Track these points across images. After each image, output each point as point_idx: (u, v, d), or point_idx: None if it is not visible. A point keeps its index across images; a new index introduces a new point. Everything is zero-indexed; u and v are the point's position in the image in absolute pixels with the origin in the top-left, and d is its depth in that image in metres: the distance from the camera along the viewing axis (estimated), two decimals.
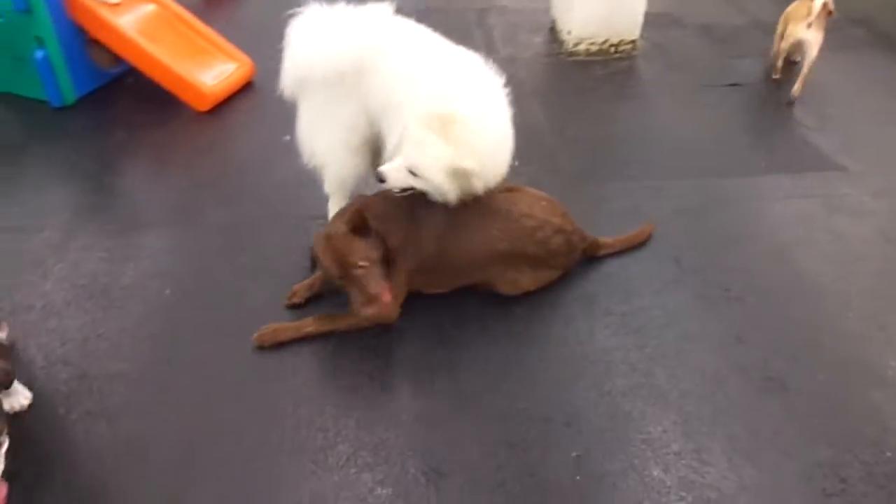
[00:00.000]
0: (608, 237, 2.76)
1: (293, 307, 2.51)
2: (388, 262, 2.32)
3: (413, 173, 2.27)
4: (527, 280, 2.53)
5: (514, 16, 4.76)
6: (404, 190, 2.34)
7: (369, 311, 2.22)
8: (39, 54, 3.52)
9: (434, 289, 2.52)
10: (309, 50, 2.46)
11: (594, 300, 2.59)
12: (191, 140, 3.53)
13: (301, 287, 2.54)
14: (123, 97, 3.82)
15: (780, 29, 3.93)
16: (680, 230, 2.91)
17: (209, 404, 2.21)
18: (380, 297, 2.21)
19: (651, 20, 4.48)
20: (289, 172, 3.04)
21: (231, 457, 2.06)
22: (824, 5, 3.58)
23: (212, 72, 3.77)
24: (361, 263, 2.21)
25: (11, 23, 3.50)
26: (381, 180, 2.32)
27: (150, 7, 3.83)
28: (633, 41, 4.26)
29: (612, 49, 4.26)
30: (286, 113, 2.83)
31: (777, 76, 3.97)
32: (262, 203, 3.07)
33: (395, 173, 2.30)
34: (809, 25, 3.62)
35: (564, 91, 3.96)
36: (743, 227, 2.96)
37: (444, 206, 2.36)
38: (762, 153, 3.44)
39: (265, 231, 2.90)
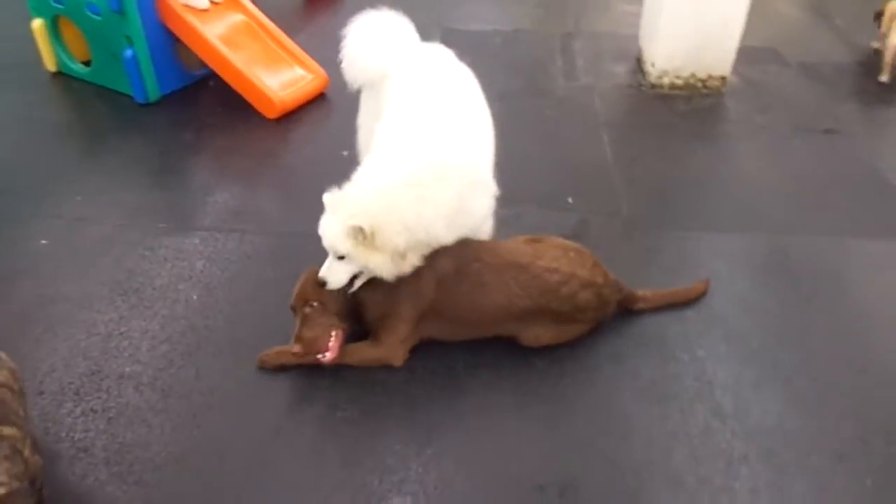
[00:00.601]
0: (648, 290, 2.55)
1: None
2: (358, 318, 2.32)
3: (341, 258, 2.19)
4: (551, 334, 2.37)
5: (601, 42, 4.57)
6: (352, 284, 2.27)
7: (301, 350, 2.21)
8: (128, 53, 3.70)
9: (451, 338, 2.41)
10: (349, 54, 2.69)
11: (623, 360, 2.40)
12: (253, 146, 3.59)
13: None
14: (202, 99, 3.95)
15: (885, 25, 3.67)
16: (738, 290, 2.67)
17: (203, 418, 2.20)
18: (314, 343, 2.20)
19: (747, 54, 4.20)
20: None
21: (212, 472, 2.04)
22: None
23: (284, 81, 3.83)
24: (312, 304, 2.22)
25: (107, 21, 3.69)
26: (322, 284, 2.23)
27: (238, 17, 3.95)
28: (722, 77, 3.98)
29: (700, 84, 3.99)
30: (349, 128, 2.84)
31: (885, 78, 3.73)
32: (310, 217, 3.05)
33: (330, 269, 2.22)
34: None
35: (639, 126, 3.74)
36: (814, 295, 2.67)
37: (450, 254, 2.28)
38: (850, 212, 3.10)
39: (308, 246, 2.88)
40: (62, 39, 4.07)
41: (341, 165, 3.27)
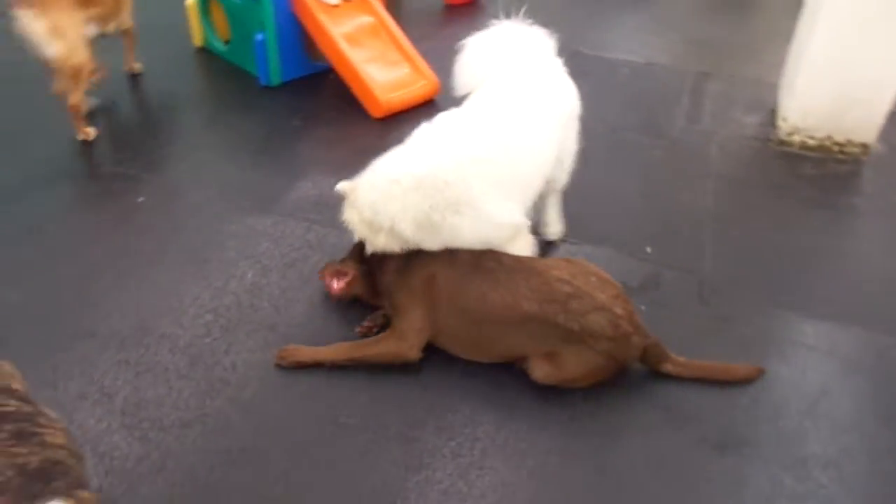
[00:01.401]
0: (684, 358, 2.32)
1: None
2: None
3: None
4: (565, 362, 2.20)
5: (737, 87, 4.25)
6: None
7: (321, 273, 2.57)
8: (259, 37, 3.92)
9: (464, 353, 2.35)
10: (461, 60, 2.82)
11: (686, 419, 2.21)
12: (351, 142, 3.67)
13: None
14: (319, 89, 4.10)
15: None
16: (821, 393, 2.34)
17: (218, 392, 2.27)
18: (332, 272, 2.52)
19: None
20: None
21: (210, 444, 2.09)
22: None
23: (395, 83, 3.89)
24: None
25: (245, 6, 3.94)
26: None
27: (366, 18, 4.06)
28: (864, 144, 3.56)
29: (836, 148, 3.60)
30: None
31: None
32: None
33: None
34: None
35: (753, 182, 3.43)
36: None
37: (471, 250, 2.33)
38: None
39: None
40: (210, 18, 4.39)
41: None
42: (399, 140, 3.65)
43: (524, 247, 2.49)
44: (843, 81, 3.42)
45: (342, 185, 2.46)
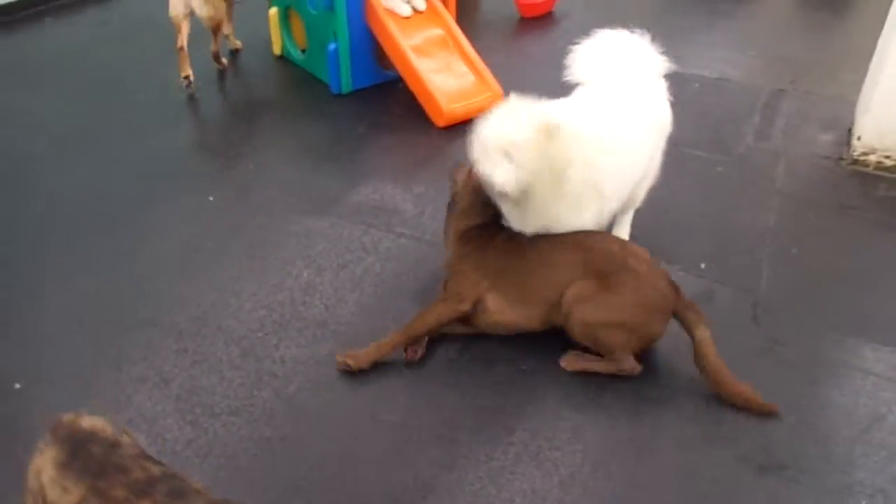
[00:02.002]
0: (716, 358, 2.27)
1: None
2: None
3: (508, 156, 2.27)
4: (606, 300, 2.29)
5: (812, 105, 4.11)
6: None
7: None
8: (332, 46, 4.07)
9: (510, 311, 2.43)
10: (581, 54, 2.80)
11: (726, 437, 2.17)
12: (413, 150, 3.77)
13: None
14: (387, 98, 4.21)
15: None
16: (872, 417, 2.26)
17: (266, 383, 2.38)
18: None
19: None
20: None
21: (256, 431, 2.19)
22: None
23: (459, 94, 3.96)
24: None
25: (320, 16, 4.10)
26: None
27: (436, 30, 4.15)
28: None
29: None
30: None
31: None
32: (435, 227, 3.15)
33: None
34: None
35: (820, 202, 3.30)
36: None
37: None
38: None
39: (420, 253, 2.98)
40: (290, 28, 4.58)
41: None
42: (459, 151, 3.74)
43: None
44: None
45: (534, 133, 2.28)
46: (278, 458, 2.14)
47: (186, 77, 4.20)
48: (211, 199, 3.32)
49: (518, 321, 2.45)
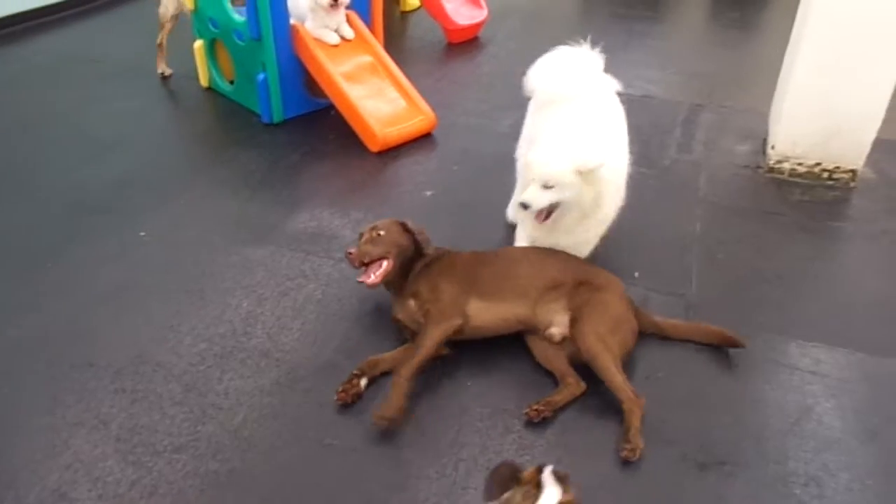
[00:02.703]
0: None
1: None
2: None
3: (547, 186, 2.55)
4: (586, 312, 2.45)
5: (729, 118, 4.34)
6: (545, 213, 2.62)
7: (353, 254, 2.58)
8: (261, 76, 4.07)
9: (492, 311, 2.53)
10: (543, 70, 2.95)
11: (667, 439, 2.23)
12: (349, 176, 3.78)
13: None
14: (319, 125, 4.22)
15: None
16: (805, 410, 2.38)
17: (210, 417, 2.33)
18: (366, 254, 2.56)
19: None
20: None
21: (201, 467, 2.14)
22: None
23: (392, 119, 4.01)
24: (381, 232, 2.62)
25: (248, 47, 4.09)
26: (526, 207, 2.58)
27: (365, 57, 4.20)
28: (852, 170, 3.61)
29: (825, 175, 3.66)
30: (441, 169, 2.92)
31: None
32: None
33: (535, 195, 2.57)
34: None
35: (741, 210, 3.48)
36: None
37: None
38: None
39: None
40: (216, 60, 4.56)
41: (422, 205, 3.40)
42: (395, 175, 3.80)
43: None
44: (827, 110, 3.49)
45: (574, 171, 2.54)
46: (227, 491, 2.10)
47: (162, 73, 4.75)
48: (143, 234, 3.25)
49: (498, 319, 2.52)
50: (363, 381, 2.42)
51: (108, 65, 5.06)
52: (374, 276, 2.55)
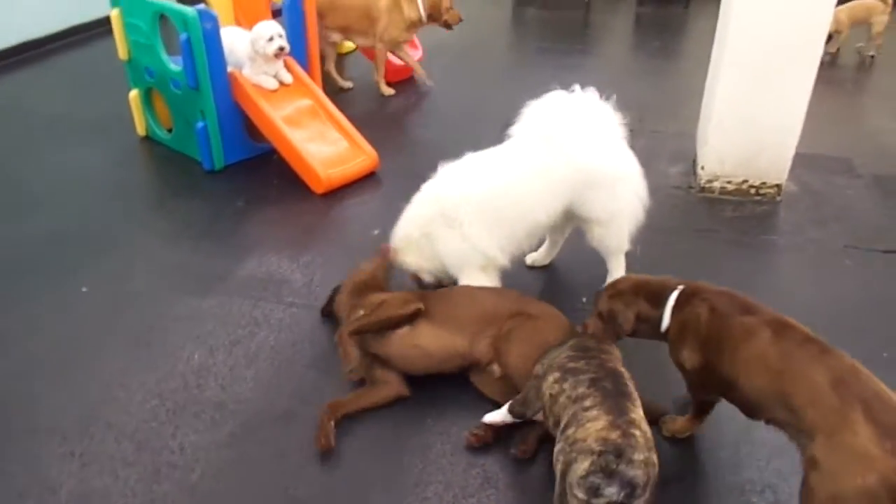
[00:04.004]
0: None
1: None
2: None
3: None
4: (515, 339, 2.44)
5: (660, 142, 4.52)
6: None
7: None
8: (200, 124, 4.04)
9: (438, 339, 2.55)
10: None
11: None
12: (295, 219, 3.78)
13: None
14: (262, 170, 4.22)
15: None
16: None
17: (165, 476, 2.27)
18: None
19: (815, 163, 4.08)
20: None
21: None
22: None
23: (335, 160, 4.04)
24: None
25: (186, 95, 4.08)
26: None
27: (305, 101, 4.23)
28: (777, 185, 3.81)
29: (752, 191, 3.84)
30: (387, 207, 2.94)
31: None
32: (326, 291, 3.16)
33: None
34: None
35: (677, 229, 3.62)
36: None
37: None
38: (893, 342, 2.84)
39: (313, 319, 2.98)
40: (153, 108, 4.51)
41: (371, 244, 3.41)
42: (341, 216, 3.81)
43: (486, 281, 2.82)
44: (749, 129, 3.68)
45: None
46: None
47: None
48: (85, 289, 3.17)
49: (442, 348, 2.53)
50: (332, 423, 2.41)
51: (38, 117, 4.96)
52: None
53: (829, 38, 5.68)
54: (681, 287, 2.18)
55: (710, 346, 2.03)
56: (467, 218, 2.73)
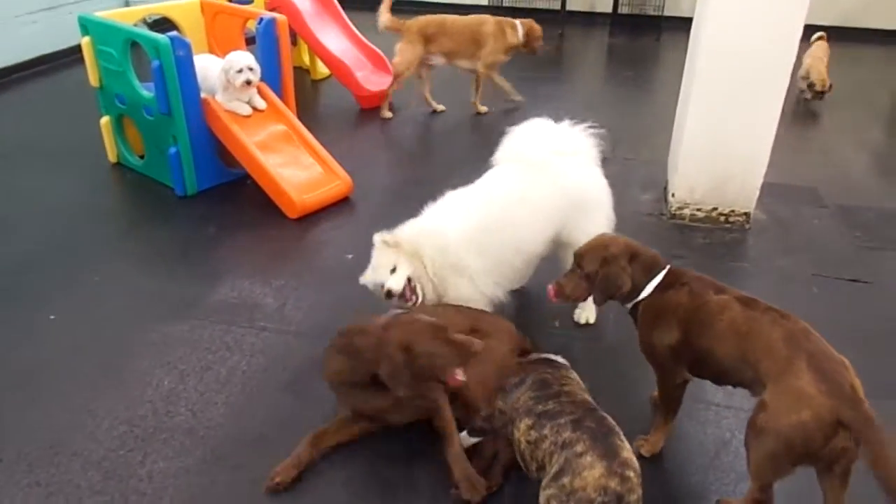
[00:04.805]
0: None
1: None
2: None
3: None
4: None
5: (632, 169, 4.61)
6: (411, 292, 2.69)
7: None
8: (172, 150, 4.03)
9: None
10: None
11: None
12: (269, 244, 3.77)
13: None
14: (235, 196, 4.21)
15: None
16: (719, 443, 2.50)
17: None
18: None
19: (783, 192, 4.18)
20: (344, 289, 3.16)
21: None
22: None
23: (308, 185, 4.05)
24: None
25: (158, 122, 4.07)
26: (390, 295, 2.64)
27: (278, 126, 4.25)
28: (746, 213, 3.89)
29: (722, 219, 3.92)
30: (361, 232, 2.94)
31: None
32: (301, 316, 3.15)
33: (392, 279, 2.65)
34: None
35: None
36: None
37: None
38: (860, 368, 2.87)
39: (285, 343, 2.96)
40: (124, 135, 4.49)
41: (344, 268, 3.41)
42: (316, 241, 3.81)
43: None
44: (720, 158, 3.77)
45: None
46: None
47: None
48: (52, 317, 3.12)
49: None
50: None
51: (8, 143, 4.91)
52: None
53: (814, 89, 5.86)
54: (668, 267, 2.31)
55: (690, 324, 2.18)
56: (475, 264, 2.73)
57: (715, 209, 3.91)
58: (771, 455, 1.89)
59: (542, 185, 2.87)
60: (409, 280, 2.67)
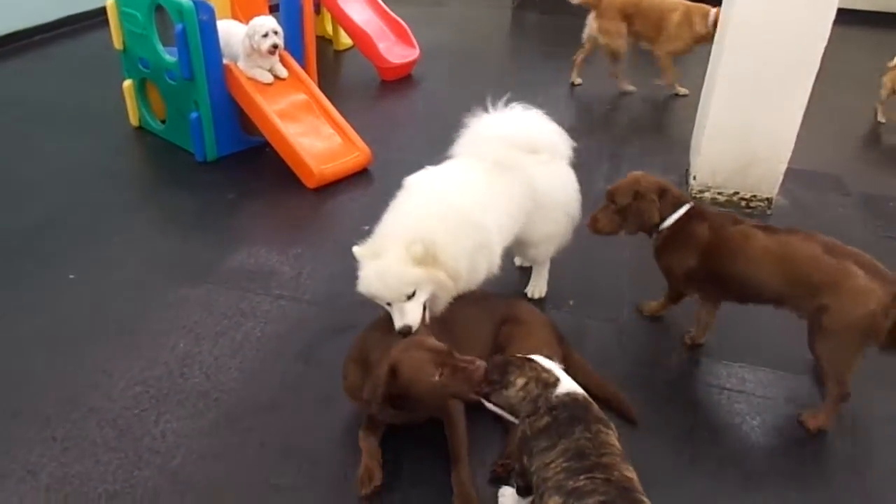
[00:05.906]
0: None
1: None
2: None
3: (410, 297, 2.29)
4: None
5: (653, 150, 4.56)
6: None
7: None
8: (193, 115, 4.04)
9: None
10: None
11: None
12: (286, 213, 3.78)
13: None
14: (254, 163, 4.22)
15: None
16: (738, 420, 2.50)
17: (146, 462, 2.26)
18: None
19: (806, 178, 4.10)
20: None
21: None
22: None
23: (328, 155, 4.04)
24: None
25: (180, 86, 4.07)
26: (408, 332, 2.26)
27: (300, 95, 4.23)
28: (768, 199, 3.84)
29: (743, 203, 3.87)
30: (378, 203, 2.91)
31: None
32: (314, 284, 3.16)
33: (405, 312, 2.29)
34: None
35: None
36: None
37: None
38: (878, 361, 2.85)
39: (298, 312, 2.98)
40: (147, 99, 4.50)
41: (360, 238, 3.40)
42: (333, 211, 3.81)
43: None
44: (744, 141, 3.71)
45: (416, 264, 2.27)
46: None
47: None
48: (72, 276, 3.16)
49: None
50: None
51: (31, 105, 4.94)
52: None
53: None
54: (691, 203, 2.64)
55: (711, 254, 2.54)
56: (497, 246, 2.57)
57: (736, 193, 3.86)
58: (846, 346, 2.26)
59: (511, 182, 2.69)
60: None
